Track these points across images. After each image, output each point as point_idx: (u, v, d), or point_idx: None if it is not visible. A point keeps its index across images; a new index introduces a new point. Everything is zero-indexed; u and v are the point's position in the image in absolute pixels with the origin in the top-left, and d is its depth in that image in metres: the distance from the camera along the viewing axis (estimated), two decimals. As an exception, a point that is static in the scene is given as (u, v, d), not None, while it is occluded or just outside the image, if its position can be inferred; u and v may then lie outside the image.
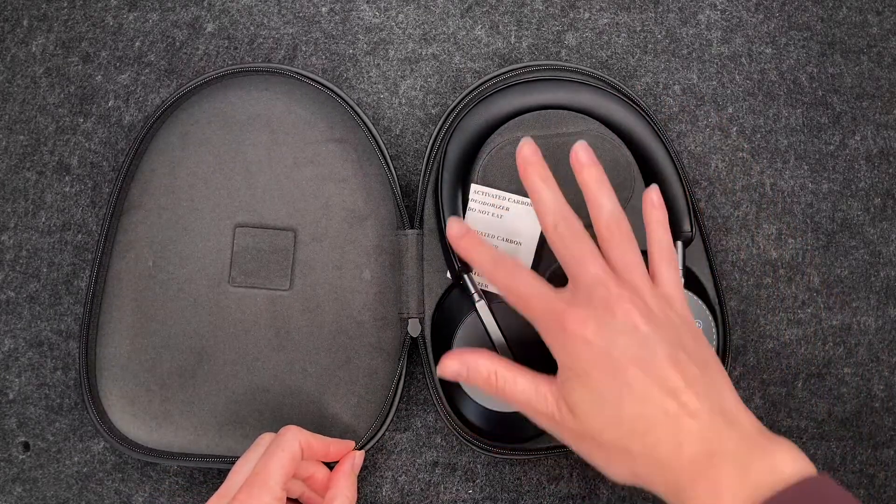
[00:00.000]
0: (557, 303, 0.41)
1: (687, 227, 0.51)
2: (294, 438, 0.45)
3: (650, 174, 0.52)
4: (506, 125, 0.53)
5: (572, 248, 0.42)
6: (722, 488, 0.36)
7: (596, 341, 0.39)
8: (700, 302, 0.50)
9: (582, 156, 0.44)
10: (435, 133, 0.54)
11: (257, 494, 0.42)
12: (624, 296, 0.40)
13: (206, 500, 0.43)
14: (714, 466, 0.36)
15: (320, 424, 0.52)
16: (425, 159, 0.54)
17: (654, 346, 0.39)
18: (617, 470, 0.40)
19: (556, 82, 0.53)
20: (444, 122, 0.54)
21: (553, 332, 0.41)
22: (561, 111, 0.53)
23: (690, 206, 0.51)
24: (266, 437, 0.47)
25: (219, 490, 0.44)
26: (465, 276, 0.50)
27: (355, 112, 0.53)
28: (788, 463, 0.36)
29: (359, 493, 0.53)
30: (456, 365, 0.44)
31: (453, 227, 0.45)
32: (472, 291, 0.49)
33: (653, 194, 0.45)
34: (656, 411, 0.38)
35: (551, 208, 0.43)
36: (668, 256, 0.44)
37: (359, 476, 0.54)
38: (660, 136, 0.52)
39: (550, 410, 0.41)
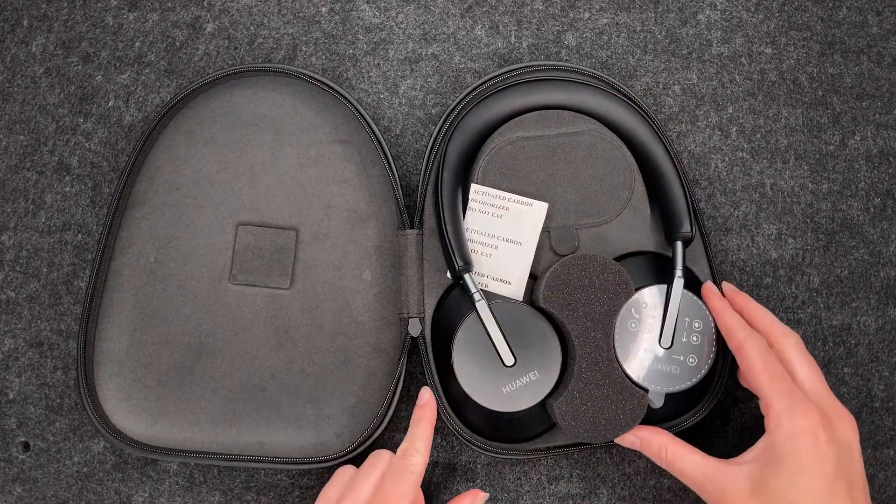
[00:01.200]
0: (804, 394, 0.44)
1: (687, 226, 0.51)
2: (421, 461, 0.47)
3: (650, 174, 0.52)
4: (506, 125, 0.53)
5: (805, 370, 0.46)
6: None
7: (824, 445, 0.42)
8: (700, 302, 0.50)
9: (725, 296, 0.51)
10: (435, 133, 0.54)
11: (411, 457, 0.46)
12: (848, 417, 0.45)
13: (207, 499, 0.43)
14: None
15: (317, 424, 0.52)
16: (425, 159, 0.54)
17: (857, 471, 0.44)
18: None
19: (556, 82, 0.53)
20: (444, 122, 0.54)
21: (789, 413, 0.43)
22: (561, 111, 0.53)
23: (690, 206, 0.51)
24: (348, 470, 0.48)
25: None
26: (465, 276, 0.50)
27: (360, 114, 0.53)
28: None
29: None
30: (632, 437, 0.49)
31: (710, 287, 0.51)
32: (472, 291, 0.49)
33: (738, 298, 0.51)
34: None
35: (740, 327, 0.48)
36: (818, 371, 0.47)
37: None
38: (660, 136, 0.52)
39: (726, 485, 0.44)
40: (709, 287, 0.51)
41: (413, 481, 0.45)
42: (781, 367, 0.45)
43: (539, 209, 0.52)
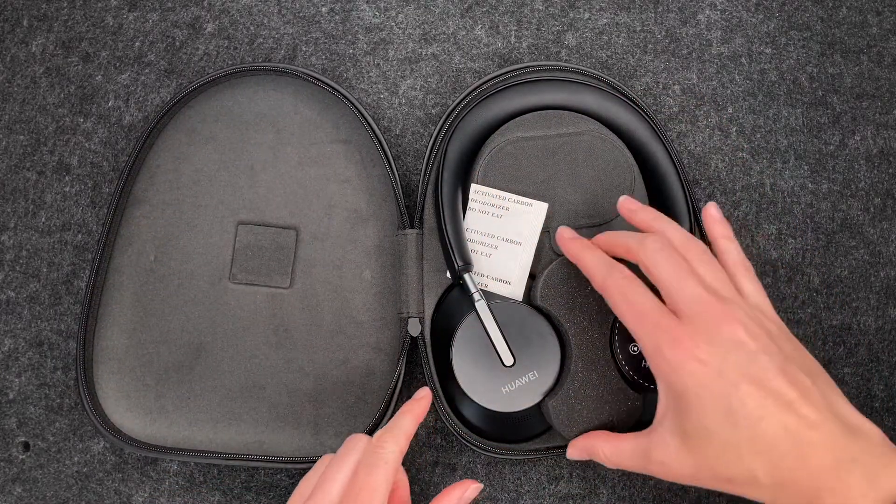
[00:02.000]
0: (670, 319, 0.40)
1: (687, 227, 0.51)
2: (396, 450, 0.43)
3: (650, 174, 0.52)
4: (506, 125, 0.53)
5: (665, 272, 0.42)
6: (852, 495, 0.35)
7: (709, 360, 0.38)
8: None
9: (714, 212, 0.47)
10: (435, 133, 0.54)
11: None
12: (727, 311, 0.39)
13: (207, 499, 0.43)
14: (841, 476, 0.36)
15: (316, 423, 0.52)
16: (425, 159, 0.54)
17: (764, 361, 0.38)
18: (742, 493, 0.39)
19: (557, 83, 0.53)
20: (444, 122, 0.54)
21: (663, 352, 0.39)
22: (561, 111, 0.53)
23: (690, 207, 0.51)
24: (327, 459, 0.44)
25: None
26: (465, 276, 0.50)
27: (360, 114, 0.53)
28: None
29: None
30: (573, 450, 0.47)
31: (564, 231, 0.48)
32: (472, 291, 0.49)
33: (712, 210, 0.46)
34: (776, 428, 0.37)
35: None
36: (743, 268, 0.43)
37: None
38: (660, 137, 0.52)
39: (660, 457, 0.40)
40: (560, 233, 0.48)
41: (387, 472, 0.41)
42: (643, 295, 0.41)
43: (539, 209, 0.52)
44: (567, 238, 0.48)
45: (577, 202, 0.52)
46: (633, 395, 0.48)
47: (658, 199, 0.52)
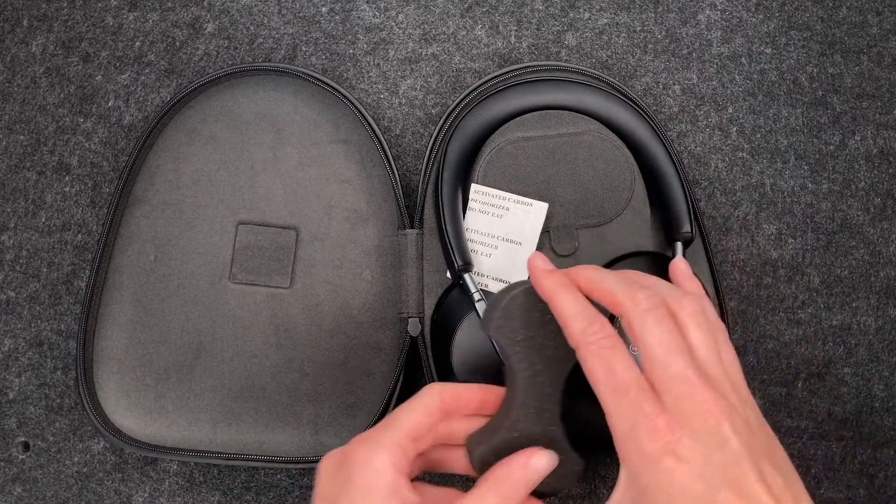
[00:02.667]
0: (653, 403, 0.34)
1: (687, 227, 0.51)
2: (432, 391, 0.39)
3: (650, 174, 0.52)
4: (506, 125, 0.53)
5: (654, 339, 0.36)
6: None
7: (690, 458, 0.33)
8: None
9: (683, 267, 0.44)
10: (435, 133, 0.54)
11: (380, 433, 0.38)
12: (714, 401, 0.34)
13: (207, 499, 0.43)
14: None
15: (316, 423, 0.52)
16: (425, 159, 0.54)
17: (744, 463, 0.34)
18: None
19: (557, 83, 0.53)
20: (444, 122, 0.54)
21: (639, 439, 0.34)
22: (561, 111, 0.53)
23: (690, 206, 0.51)
24: (329, 457, 0.40)
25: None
26: (465, 276, 0.50)
27: (361, 114, 0.53)
28: None
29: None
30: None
31: (537, 260, 0.40)
32: (472, 291, 0.49)
33: (681, 265, 0.44)
34: None
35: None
36: (721, 332, 0.38)
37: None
38: (660, 137, 0.52)
39: None
40: (533, 262, 0.40)
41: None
42: (626, 368, 0.35)
43: (539, 209, 0.52)
44: (541, 269, 0.40)
45: (577, 202, 0.52)
46: (576, 460, 0.40)
47: (658, 199, 0.52)
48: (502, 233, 0.52)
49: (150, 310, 0.53)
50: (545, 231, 0.52)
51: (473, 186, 0.52)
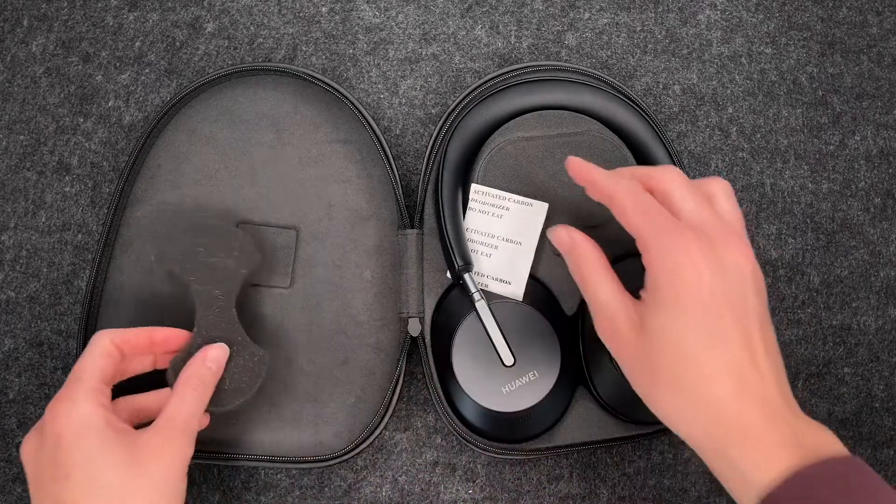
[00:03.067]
0: (678, 222, 0.39)
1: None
2: (102, 337, 0.44)
3: (650, 174, 0.52)
4: (506, 125, 0.53)
5: (673, 185, 0.41)
6: (776, 446, 0.36)
7: (707, 276, 0.37)
8: None
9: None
10: (435, 133, 0.54)
11: (71, 388, 0.41)
12: (734, 235, 0.39)
13: (207, 499, 0.43)
14: (770, 427, 0.36)
15: (316, 423, 0.52)
16: (425, 159, 0.54)
17: (751, 300, 0.38)
18: (663, 406, 0.39)
19: (557, 83, 0.53)
20: (444, 122, 0.54)
21: (664, 250, 0.38)
22: (561, 111, 0.53)
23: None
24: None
25: None
26: (465, 276, 0.50)
27: (361, 114, 0.53)
28: (835, 443, 0.37)
29: (358, 492, 0.53)
30: (565, 235, 0.43)
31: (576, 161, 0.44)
32: (472, 291, 0.49)
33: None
34: (731, 362, 0.37)
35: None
36: (703, 202, 0.41)
37: (358, 476, 0.54)
38: (660, 137, 0.52)
39: (620, 326, 0.39)
40: (571, 162, 0.44)
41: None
42: (657, 204, 0.40)
43: (539, 209, 0.52)
44: (570, 160, 0.44)
45: (577, 202, 0.52)
46: (256, 350, 0.47)
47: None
48: (502, 233, 0.52)
49: (150, 310, 0.53)
50: (545, 231, 0.52)
51: (473, 186, 0.52)
